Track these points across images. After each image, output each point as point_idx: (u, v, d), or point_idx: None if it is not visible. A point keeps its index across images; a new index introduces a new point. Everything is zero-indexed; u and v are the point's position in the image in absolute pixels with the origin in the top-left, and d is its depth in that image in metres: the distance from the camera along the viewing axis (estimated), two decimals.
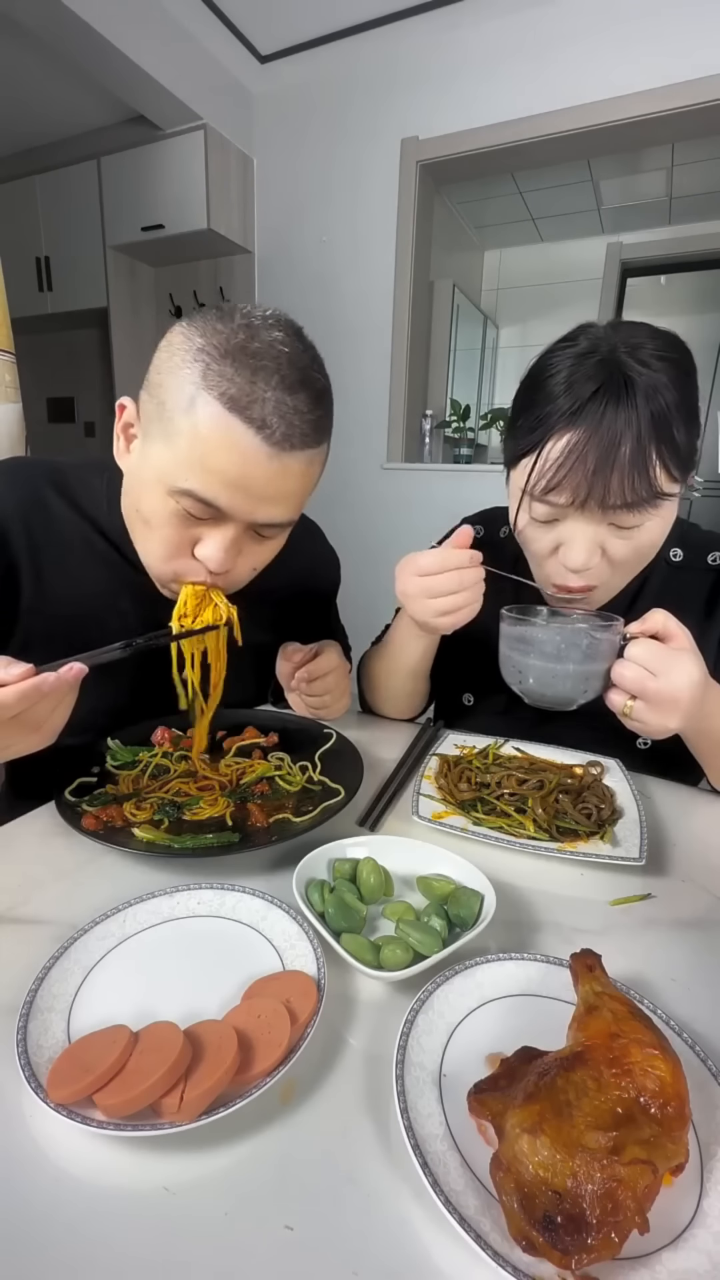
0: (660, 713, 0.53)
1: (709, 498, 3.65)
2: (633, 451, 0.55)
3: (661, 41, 2.00)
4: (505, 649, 0.62)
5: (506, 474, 0.68)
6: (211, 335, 0.53)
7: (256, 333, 0.53)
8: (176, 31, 2.25)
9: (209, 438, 0.52)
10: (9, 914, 0.47)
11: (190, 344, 0.53)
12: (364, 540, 2.80)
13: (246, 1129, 0.32)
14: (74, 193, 2.86)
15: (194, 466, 0.53)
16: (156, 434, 0.56)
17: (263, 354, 0.52)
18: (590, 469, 0.56)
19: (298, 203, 2.71)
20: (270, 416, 0.52)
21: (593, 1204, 0.25)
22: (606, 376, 0.56)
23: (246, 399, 0.51)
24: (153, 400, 0.56)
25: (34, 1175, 0.30)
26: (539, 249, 3.81)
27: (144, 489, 0.58)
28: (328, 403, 0.58)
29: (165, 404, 0.54)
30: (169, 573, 0.62)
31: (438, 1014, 0.38)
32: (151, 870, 0.52)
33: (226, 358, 0.52)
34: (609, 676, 0.56)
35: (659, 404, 0.55)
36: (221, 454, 0.53)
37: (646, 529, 0.61)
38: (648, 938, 0.47)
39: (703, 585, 0.74)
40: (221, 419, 0.52)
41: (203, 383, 0.52)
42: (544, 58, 2.16)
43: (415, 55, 2.34)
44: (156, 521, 0.58)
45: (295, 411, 0.53)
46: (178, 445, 0.54)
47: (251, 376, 0.52)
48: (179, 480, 0.54)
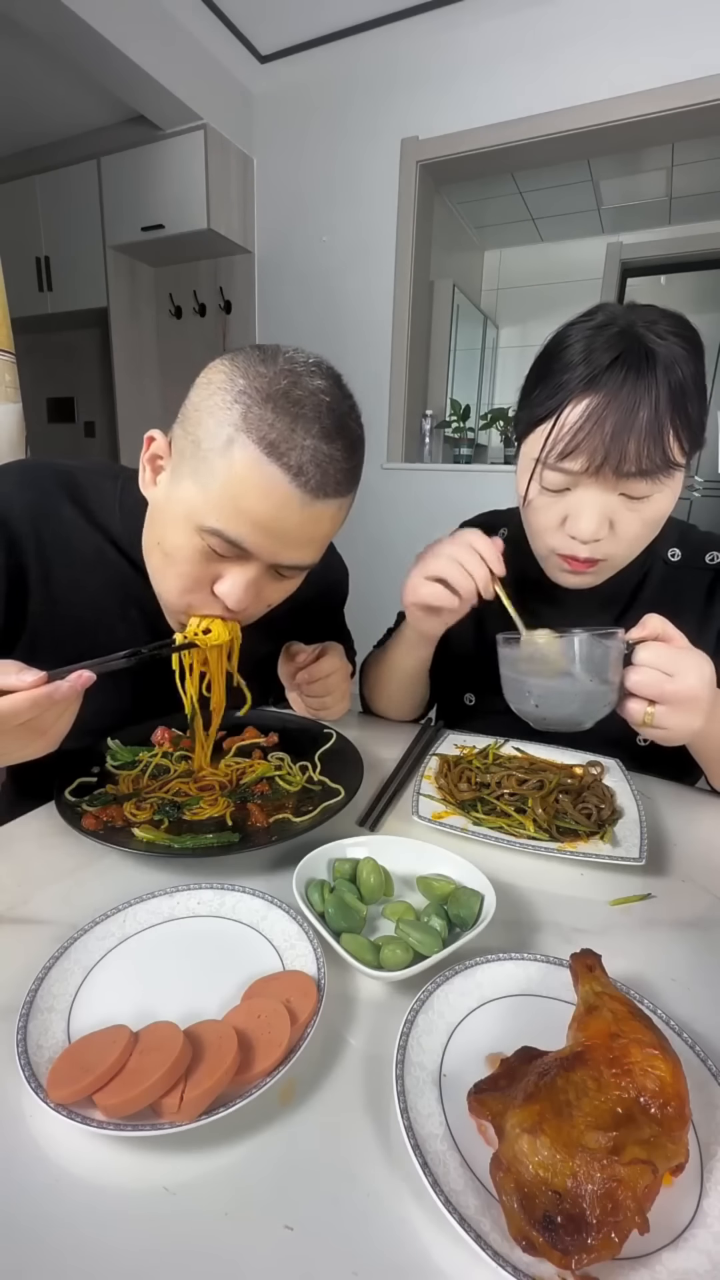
0: (683, 713, 0.53)
1: (709, 498, 3.65)
2: (650, 419, 0.56)
3: (661, 41, 2.00)
4: (508, 672, 0.61)
5: (517, 447, 0.69)
6: (255, 378, 0.52)
7: (299, 379, 0.53)
8: (176, 31, 2.25)
9: (244, 479, 0.52)
10: (9, 914, 0.47)
11: (233, 384, 0.53)
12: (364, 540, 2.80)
13: (246, 1129, 0.32)
14: (74, 193, 2.86)
15: (225, 507, 0.53)
16: (188, 471, 0.55)
17: (304, 401, 0.52)
18: (608, 434, 0.56)
19: (298, 203, 2.71)
20: (307, 464, 0.52)
21: (593, 1204, 0.25)
22: (626, 346, 0.57)
23: (285, 445, 0.51)
24: (188, 436, 0.55)
25: (34, 1175, 0.30)
26: (539, 249, 3.81)
27: (170, 523, 0.58)
28: (361, 452, 0.58)
29: (201, 442, 0.54)
30: (183, 605, 0.61)
31: (438, 1014, 0.38)
32: (151, 870, 0.52)
33: (268, 402, 0.51)
34: (621, 687, 0.54)
35: (677, 375, 0.56)
36: (255, 497, 0.52)
37: (655, 501, 0.61)
38: (648, 938, 0.47)
39: (700, 584, 0.74)
40: (258, 463, 0.51)
41: (243, 424, 0.51)
42: (544, 57, 2.16)
43: (415, 55, 2.34)
44: (179, 556, 0.58)
45: (331, 460, 0.53)
46: (210, 484, 0.53)
47: (292, 423, 0.52)
48: (208, 520, 0.54)
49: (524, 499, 0.66)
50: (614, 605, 0.75)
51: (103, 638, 0.69)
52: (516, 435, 0.68)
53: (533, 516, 0.67)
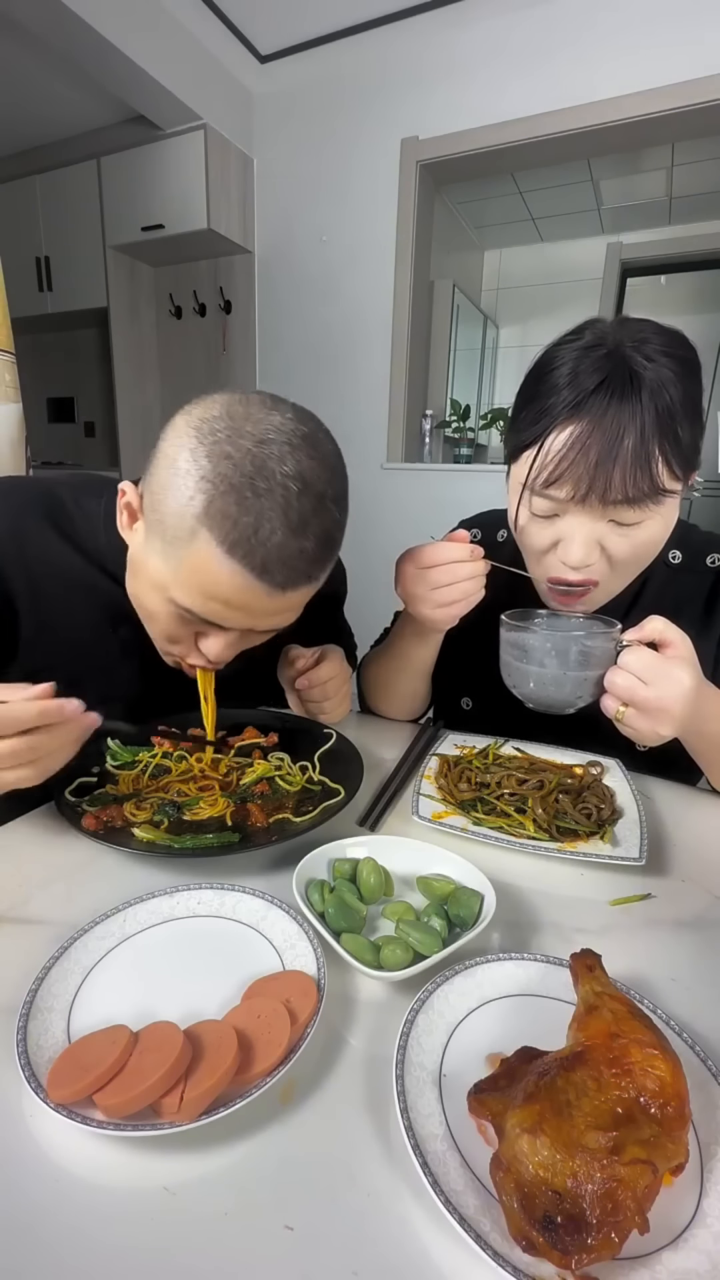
0: (651, 720, 0.54)
1: (709, 498, 3.65)
2: (636, 446, 0.55)
3: (661, 40, 2.00)
4: (505, 655, 0.63)
5: (507, 469, 0.68)
6: (219, 462, 0.48)
7: (265, 466, 0.49)
8: (176, 31, 2.25)
9: (208, 572, 0.50)
10: (9, 914, 0.47)
11: (195, 467, 0.49)
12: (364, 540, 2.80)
13: (246, 1129, 0.32)
14: (74, 193, 2.86)
15: (192, 591, 0.52)
16: (157, 547, 0.53)
17: (271, 493, 0.48)
18: (592, 462, 0.55)
19: (298, 203, 2.71)
20: (272, 563, 0.49)
21: (593, 1204, 0.25)
22: (611, 369, 0.55)
23: (248, 545, 0.48)
24: (154, 512, 0.53)
25: (34, 1175, 0.30)
26: (539, 249, 3.81)
27: (144, 586, 0.57)
28: (338, 531, 0.55)
29: (164, 524, 0.51)
30: (174, 654, 0.62)
31: (438, 1014, 0.38)
32: (151, 870, 0.52)
33: (231, 494, 0.48)
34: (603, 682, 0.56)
35: (664, 400, 0.55)
36: (221, 588, 0.51)
37: (646, 527, 0.60)
38: (648, 937, 0.47)
39: (702, 587, 0.73)
40: (220, 561, 0.49)
41: (204, 517, 0.48)
42: (544, 57, 2.16)
43: (415, 55, 2.34)
44: (158, 618, 0.57)
45: (300, 555, 0.50)
46: (177, 570, 0.52)
47: (255, 521, 0.48)
48: (178, 598, 0.53)
49: (514, 523, 0.67)
50: (615, 610, 0.75)
51: (98, 659, 0.68)
52: (505, 457, 0.68)
53: (524, 540, 0.67)
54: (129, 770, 0.64)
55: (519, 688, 0.63)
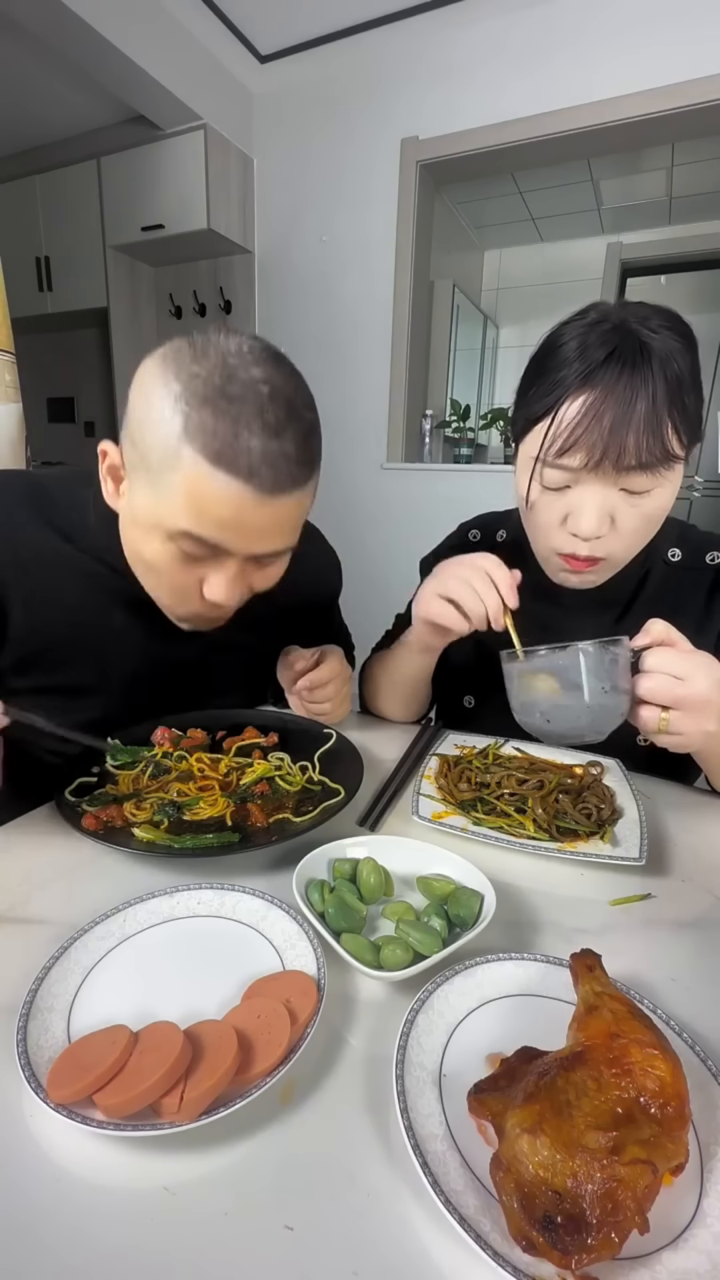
0: (698, 717, 0.52)
1: (709, 497, 3.65)
2: (648, 411, 0.56)
3: (661, 40, 2.00)
4: (514, 689, 0.59)
5: (514, 449, 0.68)
6: (189, 381, 0.50)
7: (235, 373, 0.50)
8: (176, 31, 2.25)
9: (199, 490, 0.51)
10: (9, 914, 0.47)
11: (167, 390, 0.50)
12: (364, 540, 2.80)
13: (246, 1129, 0.32)
14: (74, 193, 2.86)
15: (188, 513, 0.53)
16: (144, 484, 0.54)
17: (243, 398, 0.50)
18: (606, 428, 0.56)
19: (298, 203, 2.71)
20: (258, 465, 0.50)
21: (593, 1204, 0.25)
22: (621, 340, 0.57)
23: (231, 452, 0.50)
24: (136, 450, 0.54)
25: (34, 1175, 0.30)
26: (539, 249, 3.81)
27: (141, 534, 0.57)
28: (315, 437, 0.56)
29: (149, 456, 0.52)
30: (185, 615, 0.63)
31: (438, 1014, 0.38)
32: (151, 870, 0.52)
33: (206, 406, 0.49)
34: (632, 695, 0.53)
35: (673, 369, 0.56)
36: (213, 505, 0.52)
37: (655, 496, 0.61)
38: (648, 937, 0.47)
39: (701, 585, 0.73)
40: (209, 474, 0.50)
41: (185, 436, 0.50)
42: (544, 57, 2.16)
43: (415, 55, 2.34)
44: (160, 566, 0.58)
45: (282, 456, 0.52)
46: (168, 497, 0.53)
47: (234, 426, 0.49)
48: (176, 522, 0.53)
49: (525, 500, 0.66)
50: (614, 606, 0.75)
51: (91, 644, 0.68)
52: (514, 436, 0.68)
53: (534, 516, 0.67)
54: (129, 770, 0.64)
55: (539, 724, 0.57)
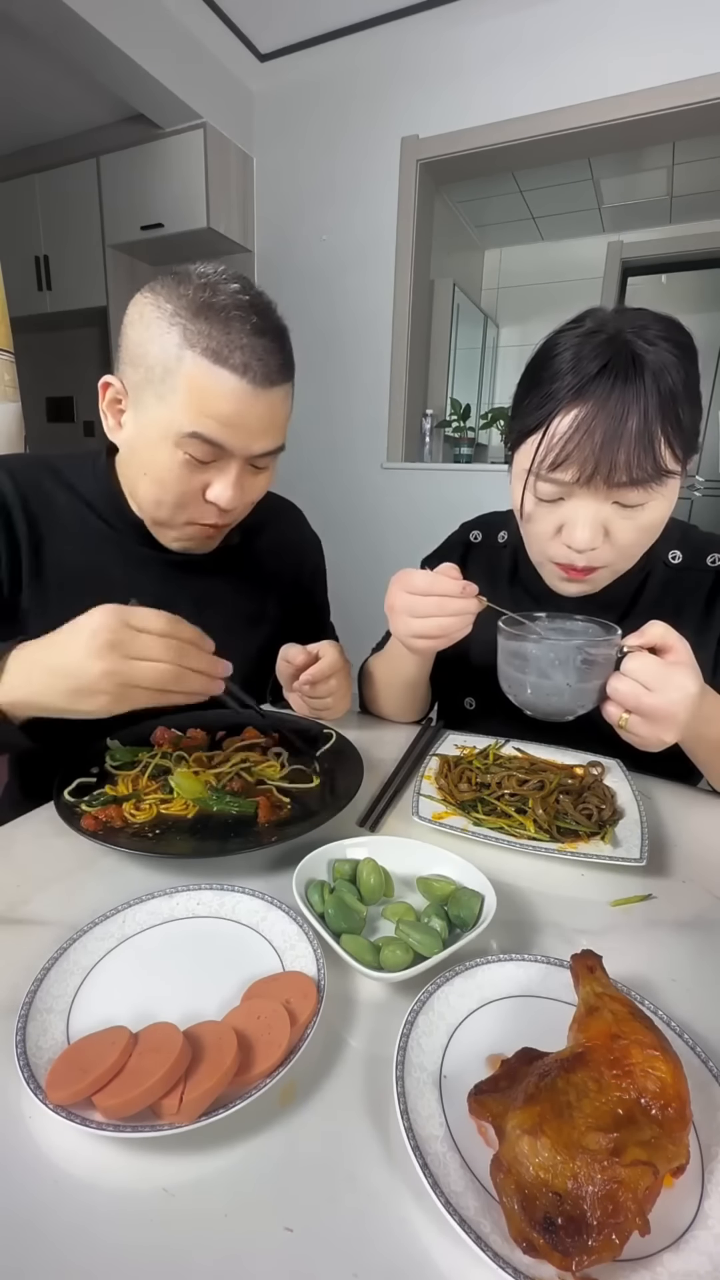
0: (655, 727, 0.53)
1: (709, 497, 3.65)
2: (639, 427, 0.55)
3: (662, 39, 2.00)
4: (502, 663, 0.62)
5: (509, 457, 0.68)
6: (178, 300, 0.59)
7: (217, 289, 0.60)
8: (176, 30, 2.25)
9: (203, 388, 0.59)
10: (9, 914, 0.47)
11: (161, 311, 0.59)
12: (364, 540, 2.80)
13: (246, 1130, 0.32)
14: (73, 191, 2.86)
15: (194, 413, 0.60)
16: (150, 398, 0.62)
17: (228, 307, 0.59)
18: (598, 444, 0.56)
19: (297, 201, 2.70)
20: (250, 361, 0.59)
21: (593, 1205, 0.25)
22: (614, 353, 0.56)
23: (226, 350, 0.59)
24: (138, 370, 0.62)
25: (33, 1177, 0.30)
26: (539, 248, 3.81)
27: (148, 449, 0.64)
28: (289, 341, 0.65)
29: (154, 369, 0.60)
30: (182, 520, 0.68)
31: (438, 1015, 0.38)
32: (151, 871, 0.52)
33: (199, 316, 0.58)
34: (605, 690, 0.55)
35: (666, 383, 0.56)
36: (215, 400, 0.60)
37: (650, 509, 0.60)
38: (648, 938, 0.47)
39: (702, 586, 0.73)
40: (209, 371, 0.59)
41: (185, 342, 0.58)
42: (544, 56, 2.16)
43: (415, 53, 2.34)
44: (167, 476, 0.64)
45: (268, 352, 0.61)
46: (174, 401, 0.60)
47: (226, 328, 0.59)
48: (184, 426, 0.60)
49: (520, 510, 0.66)
50: (615, 609, 0.75)
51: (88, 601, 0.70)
52: (509, 446, 0.68)
53: (529, 527, 0.67)
54: (128, 770, 0.64)
55: (518, 696, 0.61)
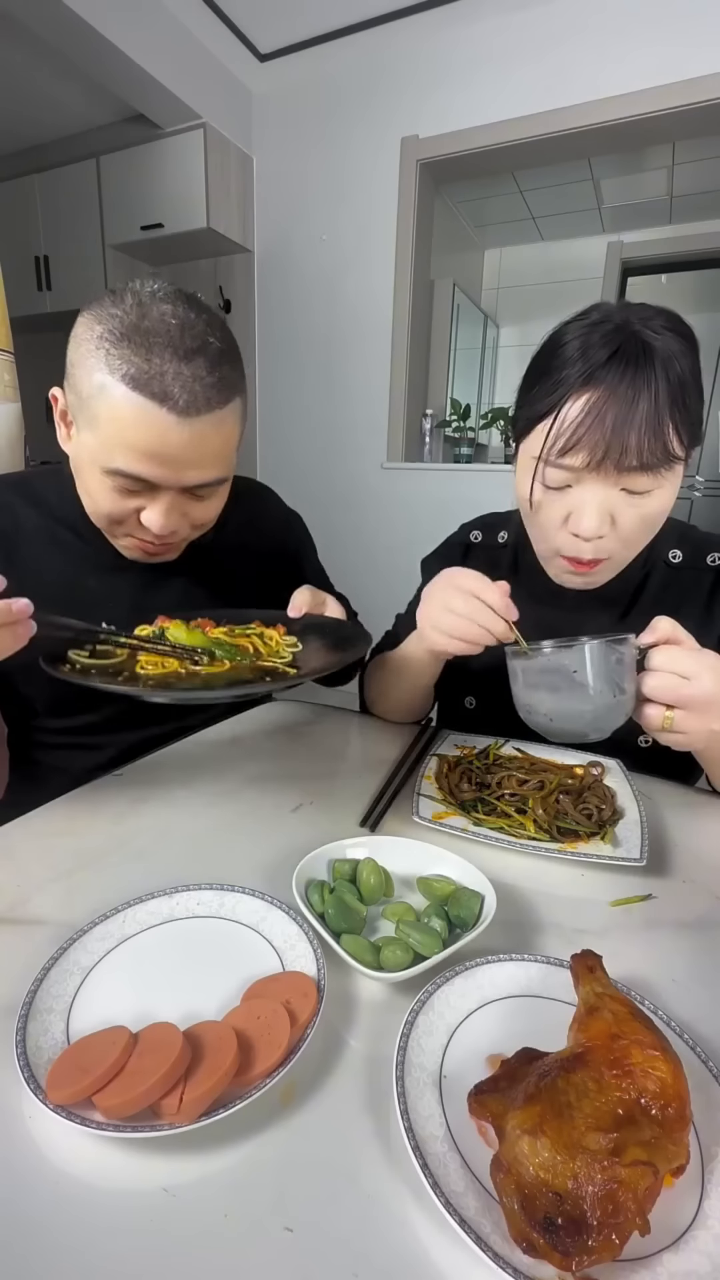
0: (703, 716, 0.52)
1: (709, 497, 3.65)
2: (650, 412, 0.56)
3: (662, 40, 2.00)
4: (520, 689, 0.58)
5: (515, 448, 0.68)
6: (107, 321, 0.57)
7: (147, 310, 0.57)
8: (176, 30, 2.25)
9: (121, 418, 0.57)
10: (9, 914, 0.47)
11: (91, 333, 0.58)
12: (364, 540, 2.80)
13: (246, 1130, 0.32)
14: (73, 191, 2.86)
15: (115, 446, 0.58)
16: (82, 422, 0.61)
17: (155, 330, 0.57)
18: (609, 428, 0.56)
19: (297, 201, 2.71)
20: (171, 388, 0.56)
21: (593, 1205, 0.25)
22: (624, 340, 0.57)
23: (145, 376, 0.56)
24: (72, 391, 0.61)
25: (33, 1177, 0.30)
26: (539, 248, 3.81)
27: (83, 472, 0.64)
28: (228, 362, 0.61)
29: (81, 393, 0.59)
30: (122, 534, 0.68)
31: (438, 1015, 0.38)
32: (151, 871, 0.52)
33: (123, 340, 0.56)
34: (637, 693, 0.53)
35: (675, 369, 0.57)
36: (136, 430, 0.57)
37: (655, 497, 0.61)
38: (649, 938, 0.47)
39: (702, 586, 0.73)
40: (128, 399, 0.56)
41: (106, 368, 0.56)
42: (545, 56, 2.16)
43: (415, 53, 2.34)
44: (100, 499, 0.64)
45: (194, 379, 0.57)
46: (99, 429, 0.59)
47: (148, 354, 0.56)
48: (107, 461, 0.59)
49: (529, 500, 0.66)
50: (615, 607, 0.75)
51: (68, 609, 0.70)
52: (515, 435, 0.68)
53: (536, 517, 0.67)
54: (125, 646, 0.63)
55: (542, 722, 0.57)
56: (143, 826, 0.58)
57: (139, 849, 0.55)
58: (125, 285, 0.60)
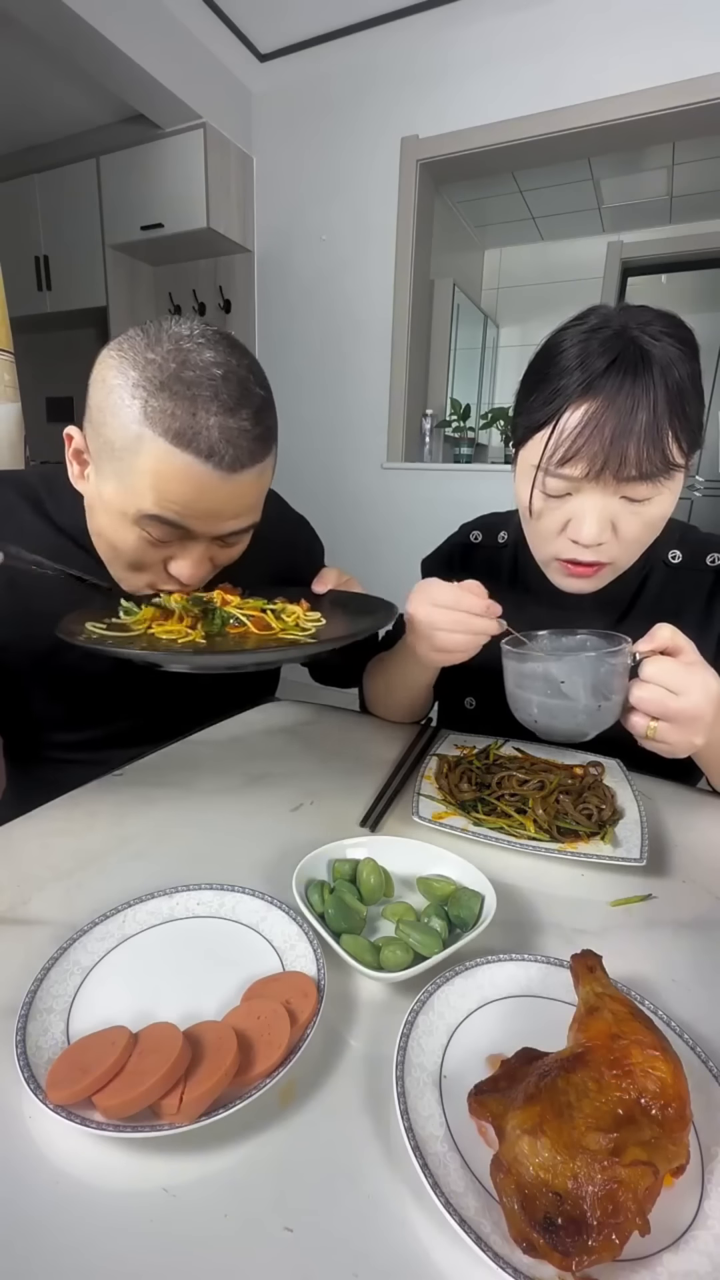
0: (685, 731, 0.52)
1: (709, 497, 3.65)
2: (649, 422, 0.55)
3: (662, 40, 2.00)
4: (511, 686, 0.59)
5: (514, 454, 0.68)
6: (145, 367, 0.53)
7: (188, 358, 0.53)
8: (176, 30, 2.25)
9: (161, 472, 0.53)
10: (9, 914, 0.47)
11: (124, 379, 0.53)
12: (364, 540, 2.80)
13: (246, 1130, 0.32)
14: (73, 192, 2.86)
15: (151, 498, 0.55)
16: (109, 472, 0.56)
17: (198, 381, 0.52)
18: (607, 439, 0.56)
19: (297, 202, 2.71)
20: (218, 444, 0.53)
21: (593, 1205, 0.25)
22: (622, 348, 0.56)
23: (191, 432, 0.52)
24: (99, 438, 0.56)
25: (33, 1177, 0.30)
26: (539, 248, 3.81)
27: (106, 520, 0.60)
28: (269, 413, 0.58)
29: (113, 443, 0.54)
30: (142, 586, 0.64)
31: (438, 1015, 0.38)
32: (151, 871, 0.52)
33: (163, 390, 0.52)
34: (625, 701, 0.54)
35: (674, 377, 0.56)
36: (176, 486, 0.54)
37: (656, 503, 0.60)
38: (648, 938, 0.47)
39: (701, 586, 0.73)
40: (170, 455, 0.52)
41: (145, 420, 0.52)
42: (544, 55, 2.16)
43: (415, 53, 2.34)
44: (126, 549, 0.60)
45: (240, 433, 0.54)
46: (133, 482, 0.55)
47: (191, 407, 0.52)
48: (143, 508, 0.55)
49: (528, 508, 0.66)
50: (614, 608, 0.75)
51: None
52: (514, 442, 0.68)
53: (535, 524, 0.67)
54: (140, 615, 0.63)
55: (530, 719, 0.59)
56: (143, 826, 0.58)
57: (139, 849, 0.55)
58: (159, 324, 0.55)
